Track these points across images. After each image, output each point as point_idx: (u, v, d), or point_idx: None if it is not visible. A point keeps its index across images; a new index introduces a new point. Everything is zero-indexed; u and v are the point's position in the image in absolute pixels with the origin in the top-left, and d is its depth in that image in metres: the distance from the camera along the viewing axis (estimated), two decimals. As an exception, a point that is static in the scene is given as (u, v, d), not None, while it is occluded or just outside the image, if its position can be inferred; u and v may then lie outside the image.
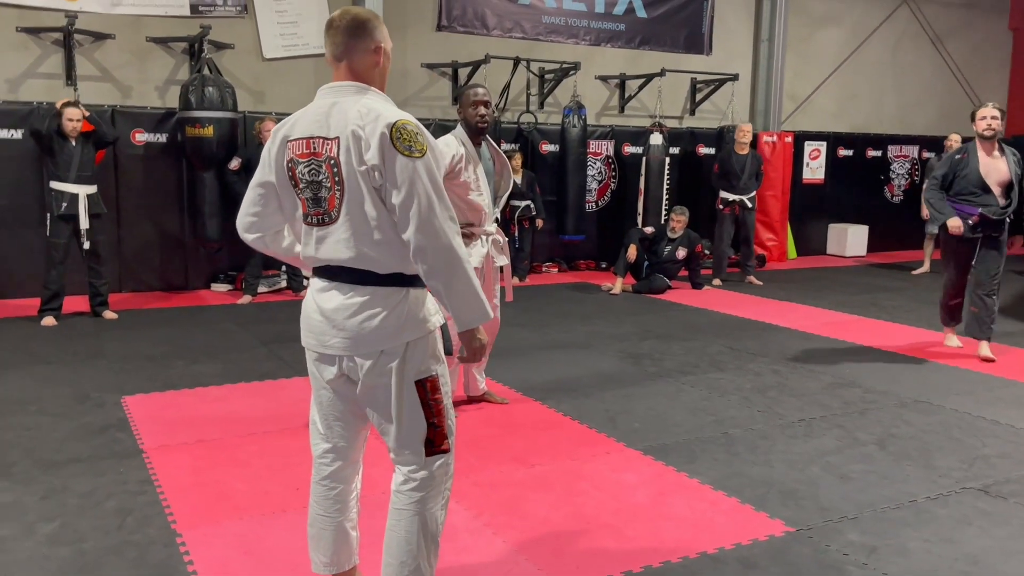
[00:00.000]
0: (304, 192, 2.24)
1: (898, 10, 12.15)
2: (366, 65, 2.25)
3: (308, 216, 2.26)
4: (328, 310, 2.24)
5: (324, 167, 2.18)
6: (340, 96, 2.21)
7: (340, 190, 2.17)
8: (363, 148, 2.12)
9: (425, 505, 2.31)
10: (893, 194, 12.45)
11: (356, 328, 2.20)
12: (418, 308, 2.25)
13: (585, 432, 4.17)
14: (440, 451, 2.30)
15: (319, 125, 2.19)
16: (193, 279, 8.21)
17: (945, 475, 3.64)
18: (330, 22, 2.26)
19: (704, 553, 2.91)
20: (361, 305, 2.20)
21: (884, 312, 7.52)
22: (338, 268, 2.23)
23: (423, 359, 2.26)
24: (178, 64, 8.13)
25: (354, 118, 2.14)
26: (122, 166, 7.78)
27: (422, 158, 2.12)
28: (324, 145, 2.17)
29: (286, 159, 2.27)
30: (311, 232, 2.26)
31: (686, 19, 10.67)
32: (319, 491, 2.48)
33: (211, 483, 3.49)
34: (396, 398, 2.24)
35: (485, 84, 4.93)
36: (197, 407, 4.52)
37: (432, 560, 2.35)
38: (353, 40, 2.23)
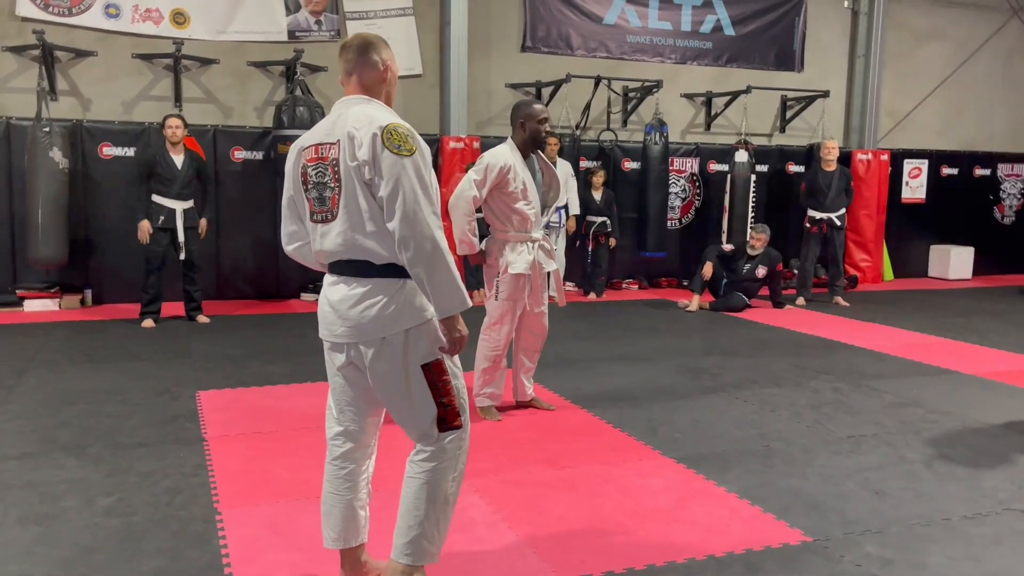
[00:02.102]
0: (311, 192, 2.45)
1: (1008, 24, 11.56)
2: (373, 80, 2.49)
3: (314, 215, 2.47)
4: (334, 301, 2.44)
5: (329, 169, 2.40)
6: (347, 107, 2.46)
7: (338, 187, 2.38)
8: (355, 146, 2.33)
9: (435, 474, 2.46)
10: (1003, 215, 11.80)
11: (358, 317, 2.39)
12: (415, 296, 2.40)
13: (623, 439, 4.21)
14: (453, 427, 2.46)
15: (326, 133, 2.44)
16: (284, 288, 8.68)
17: (989, 496, 3.48)
18: (343, 44, 2.53)
19: (712, 556, 2.92)
20: (362, 295, 2.38)
21: (976, 335, 7.16)
22: (342, 262, 2.43)
23: (426, 344, 2.41)
24: (275, 86, 8.66)
25: (352, 122, 2.37)
26: (222, 181, 8.34)
27: (410, 156, 2.31)
28: (328, 149, 2.40)
29: (300, 167, 2.50)
30: (316, 229, 2.47)
31: (776, 36, 10.52)
32: (331, 471, 2.65)
33: (258, 470, 3.73)
34: (404, 383, 2.41)
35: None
36: (261, 402, 4.82)
37: (440, 528, 2.50)
38: (362, 59, 2.49)
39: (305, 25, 8.66)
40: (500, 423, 4.47)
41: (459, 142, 8.81)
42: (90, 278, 8.04)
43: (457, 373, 2.50)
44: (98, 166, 7.94)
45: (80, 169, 7.85)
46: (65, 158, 7.40)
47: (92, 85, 8.06)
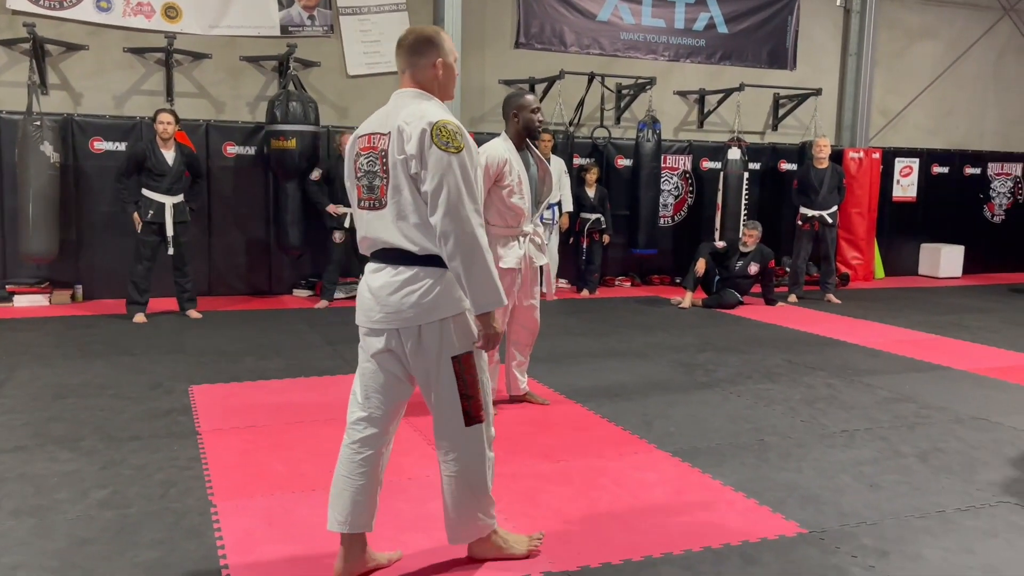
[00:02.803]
0: (361, 180, 2.55)
1: (1000, 23, 11.63)
2: (427, 77, 2.58)
3: (362, 201, 2.56)
4: (375, 288, 2.53)
5: (378, 159, 2.49)
6: (401, 100, 2.56)
7: (386, 178, 2.47)
8: (404, 140, 2.42)
9: (468, 471, 2.62)
10: (993, 213, 11.87)
11: (397, 303, 2.48)
12: (454, 288, 2.49)
13: (619, 433, 4.21)
14: (476, 421, 2.57)
15: (379, 124, 2.54)
16: (276, 284, 8.65)
17: (983, 489, 3.50)
18: (400, 39, 2.63)
19: (708, 547, 2.92)
20: (402, 283, 2.48)
21: (967, 332, 7.20)
22: (385, 250, 2.52)
23: (458, 336, 2.51)
24: (268, 81, 8.62)
25: (403, 115, 2.46)
26: (214, 176, 8.30)
27: (457, 154, 2.39)
28: (379, 140, 2.50)
29: (354, 154, 2.60)
30: (363, 216, 2.57)
31: (769, 34, 10.55)
32: (347, 454, 2.68)
33: (253, 463, 3.72)
34: (435, 373, 2.52)
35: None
36: (256, 397, 4.80)
37: (486, 511, 2.70)
38: (415, 55, 2.57)
39: (298, 20, 8.63)
40: (495, 418, 4.45)
41: (452, 138, 8.79)
42: (81, 273, 7.99)
43: (484, 368, 2.61)
44: (89, 160, 7.89)
45: (71, 163, 7.80)
46: (56, 152, 7.35)
47: (83, 79, 8.01)
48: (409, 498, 3.34)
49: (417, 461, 3.77)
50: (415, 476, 3.58)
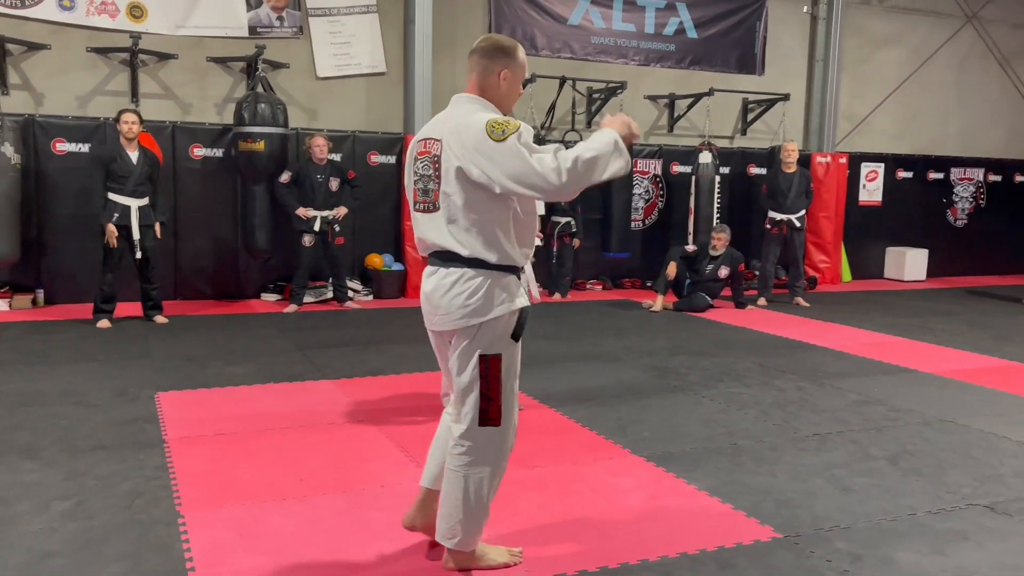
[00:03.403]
0: (417, 184, 2.64)
1: (962, 30, 11.85)
2: (490, 84, 2.64)
3: (417, 204, 2.65)
4: (427, 292, 2.66)
5: (431, 164, 2.58)
6: (459, 105, 2.64)
7: (439, 182, 2.55)
8: (459, 144, 2.49)
9: (470, 470, 2.64)
10: (956, 217, 12.08)
11: (447, 305, 2.59)
12: (494, 291, 2.56)
13: (593, 438, 4.20)
14: (491, 423, 2.60)
15: (435, 129, 2.62)
16: (244, 288, 8.53)
17: (953, 491, 3.54)
18: (477, 43, 2.70)
19: (684, 553, 2.91)
20: (450, 285, 2.58)
21: (932, 335, 7.31)
22: (437, 251, 2.62)
23: (492, 338, 2.58)
24: (236, 82, 8.51)
25: (456, 119, 2.55)
26: (180, 179, 8.17)
27: (514, 135, 2.44)
28: (433, 145, 2.58)
29: (412, 158, 2.68)
30: (418, 219, 2.66)
31: (738, 40, 10.64)
32: (443, 423, 2.89)
33: (222, 472, 3.65)
34: (462, 368, 2.60)
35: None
36: (224, 404, 4.72)
37: (473, 523, 2.68)
38: (486, 59, 2.64)
39: (267, 21, 8.52)
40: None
41: (423, 141, 8.75)
42: (42, 277, 7.81)
43: (514, 376, 2.65)
44: (51, 162, 7.72)
45: (32, 165, 7.63)
46: (17, 154, 7.18)
47: (45, 79, 7.84)
48: (382, 506, 3.30)
49: (390, 468, 3.73)
50: (387, 484, 3.54)
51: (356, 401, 4.81)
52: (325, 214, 7.87)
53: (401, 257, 8.96)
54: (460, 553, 2.72)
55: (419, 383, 5.22)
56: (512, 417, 2.65)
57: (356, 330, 7.07)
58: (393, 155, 9.02)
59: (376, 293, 8.75)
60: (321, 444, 4.05)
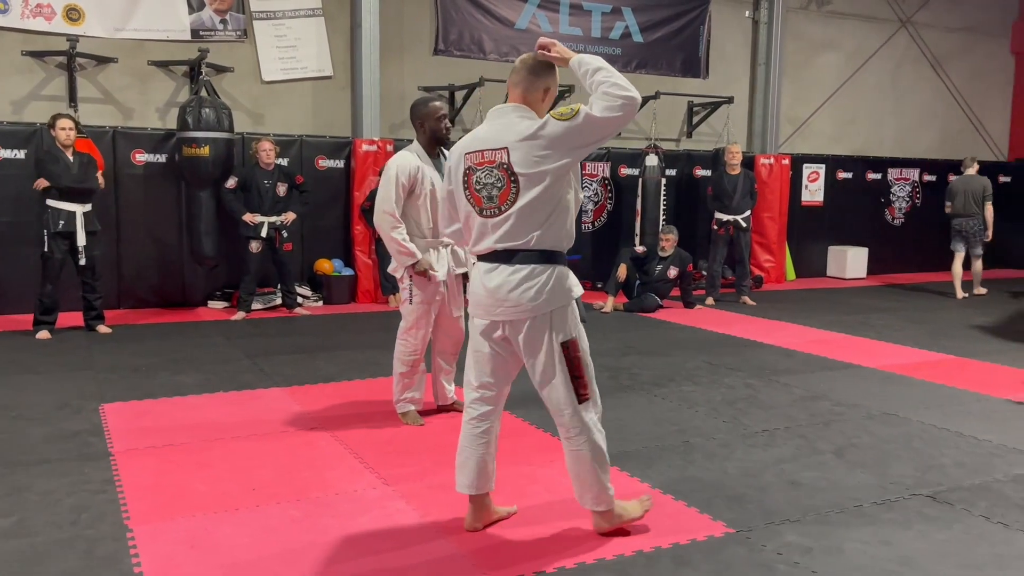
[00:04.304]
0: (481, 192, 2.85)
1: (897, 34, 12.23)
2: (535, 98, 2.92)
3: (483, 211, 2.85)
4: (492, 287, 2.85)
5: (499, 171, 2.80)
6: (507, 115, 2.87)
7: (515, 186, 2.78)
8: (534, 147, 2.74)
9: (587, 442, 2.94)
10: (894, 217, 12.45)
11: (517, 298, 2.82)
12: (562, 281, 2.85)
13: (547, 440, 4.22)
14: (585, 399, 2.92)
15: (490, 140, 2.85)
16: (190, 296, 8.37)
17: (897, 482, 3.65)
18: (523, 59, 2.95)
19: (640, 551, 2.95)
20: (520, 280, 2.81)
21: (874, 331, 7.52)
22: (504, 251, 2.84)
23: (565, 324, 2.87)
24: (179, 87, 8.35)
25: (516, 129, 2.79)
26: (122, 185, 7.98)
27: (581, 112, 2.73)
28: (496, 154, 2.81)
29: (464, 167, 2.90)
30: (486, 224, 2.86)
31: (682, 43, 10.80)
32: (468, 428, 3.06)
33: (171, 484, 3.57)
34: (547, 358, 2.86)
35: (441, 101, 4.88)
36: (172, 414, 4.62)
37: (607, 475, 3.01)
38: (533, 75, 2.91)
39: (210, 24, 8.38)
40: (423, 428, 4.42)
41: (372, 145, 8.70)
42: (-23, 288, 7.55)
43: (587, 351, 2.93)
44: (-15, 169, 7.48)
45: (-35, 172, 7.38)
46: (-52, 160, 6.94)
47: (-23, 83, 7.60)
48: (337, 513, 3.27)
49: (344, 475, 3.70)
50: (342, 491, 3.51)
51: (308, 408, 4.76)
52: (273, 220, 7.76)
53: (351, 262, 8.88)
54: (608, 512, 3.02)
55: (372, 389, 5.18)
56: (595, 385, 2.96)
57: (306, 337, 6.99)
58: (341, 159, 8.95)
59: (326, 299, 8.66)
60: (273, 453, 4.00)
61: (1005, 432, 4.42)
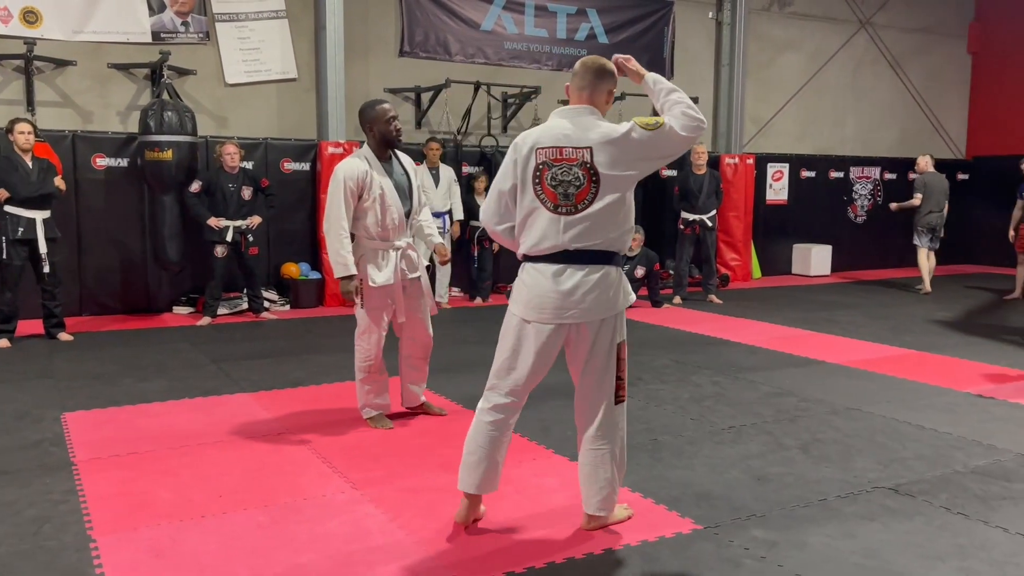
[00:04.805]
0: (558, 189, 2.83)
1: (856, 35, 12.43)
2: (600, 100, 2.96)
3: (559, 207, 2.84)
4: (565, 289, 2.85)
5: (579, 170, 2.80)
6: (583, 115, 2.89)
7: (595, 187, 2.79)
8: (620, 151, 2.79)
9: (612, 446, 3.03)
10: (856, 214, 12.64)
11: (592, 301, 2.86)
12: (626, 283, 2.97)
13: (517, 440, 4.22)
14: (622, 399, 3.04)
15: (567, 137, 2.84)
16: (155, 302, 8.25)
17: (860, 476, 3.71)
18: (586, 62, 2.96)
19: (609, 549, 2.97)
20: (595, 282, 2.85)
21: (838, 327, 7.63)
22: (577, 251, 2.84)
23: (621, 326, 2.98)
24: (140, 90, 8.23)
25: (599, 130, 2.82)
26: (83, 190, 7.85)
27: (666, 125, 2.81)
28: (575, 152, 2.81)
29: (536, 162, 2.86)
30: (557, 221, 2.84)
31: (647, 44, 10.89)
32: (486, 430, 3.04)
33: (135, 492, 3.52)
34: (607, 358, 2.94)
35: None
36: (136, 422, 4.55)
37: (621, 480, 3.12)
38: (598, 79, 2.94)
39: (171, 26, 8.28)
40: (392, 431, 4.40)
41: (338, 147, 8.65)
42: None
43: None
44: (-60, 175, 7.30)
45: (-81, 178, 7.19)
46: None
47: (-69, 87, 7.43)
48: (305, 519, 3.25)
49: (313, 480, 3.67)
50: (310, 496, 3.48)
51: (275, 414, 4.72)
52: (238, 224, 7.68)
53: (318, 265, 8.83)
54: (605, 516, 3.09)
55: (340, 393, 5.15)
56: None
57: (273, 341, 6.93)
58: (307, 162, 8.88)
59: (293, 303, 8.59)
60: (240, 459, 3.96)
61: (965, 425, 4.51)
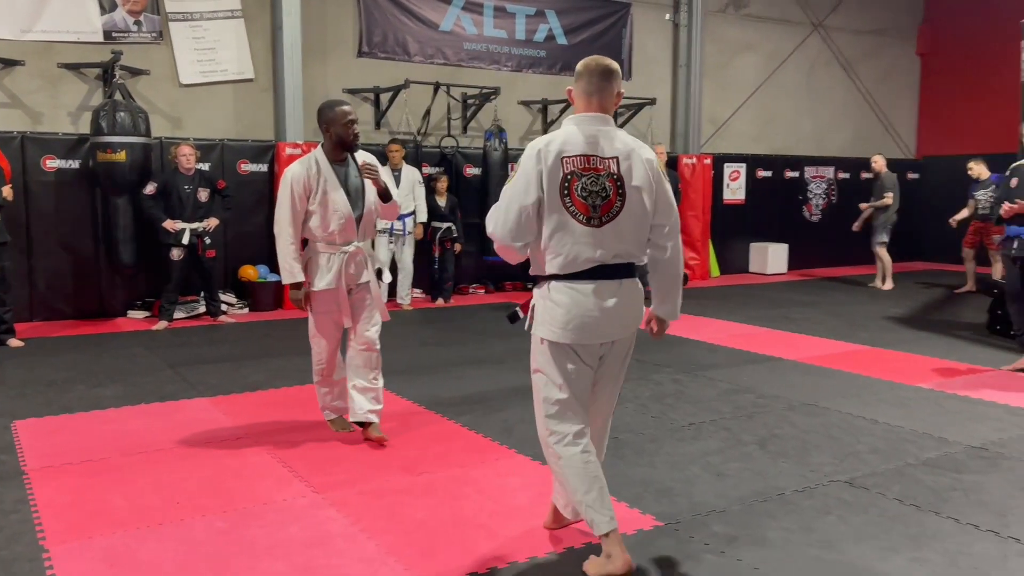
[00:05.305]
0: (588, 200, 2.70)
1: (810, 37, 12.64)
2: (609, 104, 2.80)
3: (591, 219, 2.70)
4: (609, 307, 2.75)
5: (607, 181, 2.70)
6: (599, 125, 2.77)
7: (621, 200, 2.71)
8: (635, 167, 2.72)
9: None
10: (811, 213, 12.86)
11: (630, 317, 2.83)
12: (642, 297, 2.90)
13: (480, 441, 4.23)
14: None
15: (592, 146, 2.73)
16: (109, 306, 8.08)
17: (816, 470, 3.78)
18: (590, 64, 2.81)
19: (571, 548, 2.98)
20: (629, 296, 2.80)
21: (794, 324, 7.76)
22: (614, 266, 2.74)
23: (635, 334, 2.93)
24: (91, 90, 8.06)
25: (621, 142, 2.75)
26: (33, 193, 7.66)
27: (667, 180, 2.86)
28: (601, 162, 2.71)
29: (564, 172, 2.70)
30: (589, 234, 2.70)
31: (606, 45, 10.95)
32: (583, 461, 2.80)
33: (90, 500, 3.45)
34: (620, 368, 2.93)
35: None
36: (90, 429, 4.46)
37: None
38: (605, 81, 2.78)
39: (123, 25, 8.12)
40: (353, 434, 4.36)
41: (296, 148, 8.56)
42: None
43: None
44: None
45: None
46: None
47: None
48: (265, 523, 3.21)
49: (273, 485, 3.63)
50: (270, 501, 3.45)
51: (234, 418, 4.66)
52: (195, 226, 7.56)
53: (277, 268, 8.70)
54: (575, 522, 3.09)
55: (299, 397, 5.10)
56: None
57: (231, 345, 6.84)
58: (265, 163, 8.78)
59: (251, 306, 8.48)
60: (198, 464, 3.90)
61: (917, 419, 4.62)
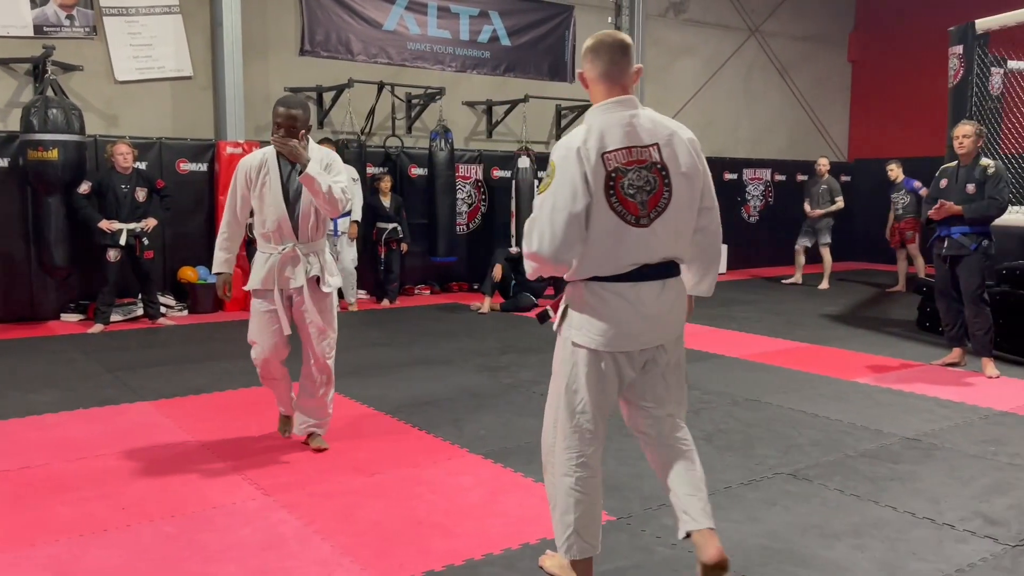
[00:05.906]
0: (635, 197, 2.41)
1: (747, 42, 12.95)
2: (630, 82, 2.51)
3: (641, 219, 2.42)
4: (655, 312, 2.50)
5: (651, 172, 2.42)
6: (630, 109, 2.46)
7: (668, 190, 2.43)
8: (680, 152, 2.45)
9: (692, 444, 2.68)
10: (750, 214, 13.17)
11: (675, 319, 2.57)
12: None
13: (431, 441, 4.23)
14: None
15: (631, 137, 2.43)
16: (40, 309, 7.82)
17: (761, 463, 3.89)
18: (597, 43, 2.50)
19: (526, 544, 3.01)
20: (675, 296, 2.55)
21: (736, 323, 7.93)
22: (657, 265, 2.48)
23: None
24: (21, 86, 7.80)
25: (661, 125, 2.47)
26: (-41, 192, 7.38)
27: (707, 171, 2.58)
28: (647, 152, 2.43)
29: (608, 170, 2.40)
30: (640, 234, 2.42)
31: (549, 48, 11.05)
32: (588, 484, 2.59)
33: (31, 508, 3.35)
34: (680, 373, 2.63)
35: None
36: (26, 435, 4.32)
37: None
38: (622, 57, 2.49)
39: (55, 20, 7.88)
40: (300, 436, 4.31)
41: (237, 147, 8.41)
42: None
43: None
44: None
45: None
46: None
47: None
48: (214, 528, 3.16)
49: (222, 488, 3.57)
50: (219, 504, 3.39)
51: (179, 422, 4.56)
52: (132, 226, 7.37)
53: (218, 269, 8.54)
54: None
55: (246, 399, 5.02)
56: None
57: (172, 348, 6.69)
58: (204, 162, 8.60)
59: (191, 308, 8.31)
60: (143, 469, 3.81)
61: (854, 412, 4.78)
